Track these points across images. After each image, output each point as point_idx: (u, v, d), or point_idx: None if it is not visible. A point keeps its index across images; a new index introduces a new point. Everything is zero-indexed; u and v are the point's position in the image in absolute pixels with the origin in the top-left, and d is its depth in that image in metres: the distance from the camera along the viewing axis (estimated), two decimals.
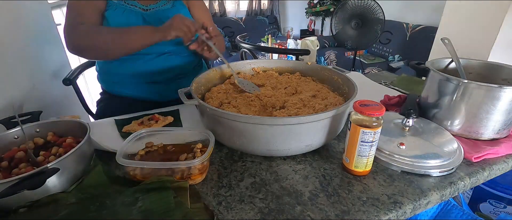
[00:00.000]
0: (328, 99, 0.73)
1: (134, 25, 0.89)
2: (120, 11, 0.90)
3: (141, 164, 0.55)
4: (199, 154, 0.60)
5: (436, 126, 0.74)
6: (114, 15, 0.90)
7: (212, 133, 0.62)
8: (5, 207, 0.50)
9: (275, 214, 0.52)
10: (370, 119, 0.55)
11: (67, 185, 0.55)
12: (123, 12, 0.91)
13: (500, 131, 0.71)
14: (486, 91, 0.66)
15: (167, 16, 0.91)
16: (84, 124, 0.62)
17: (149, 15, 0.95)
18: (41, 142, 0.62)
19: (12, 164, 0.57)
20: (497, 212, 1.20)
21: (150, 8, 0.96)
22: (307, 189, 0.57)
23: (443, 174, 0.61)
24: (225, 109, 0.70)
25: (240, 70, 0.92)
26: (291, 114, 0.67)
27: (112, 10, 0.90)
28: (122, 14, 0.90)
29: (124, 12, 0.91)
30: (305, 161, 0.66)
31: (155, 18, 0.94)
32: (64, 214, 0.49)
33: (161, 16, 0.95)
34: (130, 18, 0.91)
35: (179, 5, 1.01)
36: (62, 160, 0.52)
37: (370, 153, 0.58)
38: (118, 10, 0.90)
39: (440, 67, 0.87)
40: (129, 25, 0.88)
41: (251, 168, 0.64)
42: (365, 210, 0.52)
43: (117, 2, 0.91)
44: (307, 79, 0.88)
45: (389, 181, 0.59)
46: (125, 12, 0.91)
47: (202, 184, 0.59)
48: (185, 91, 0.69)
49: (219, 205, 0.54)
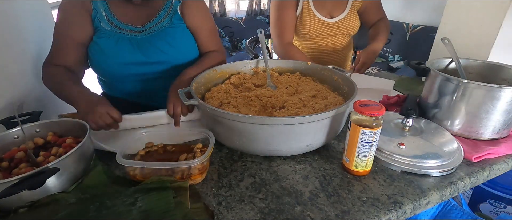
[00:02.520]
0: (328, 99, 0.73)
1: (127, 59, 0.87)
2: (112, 40, 0.85)
3: (141, 164, 0.55)
4: (199, 154, 0.60)
5: (436, 126, 0.74)
6: (107, 45, 0.85)
7: (212, 133, 0.62)
8: (5, 207, 0.50)
9: (275, 214, 0.52)
10: (370, 119, 0.55)
11: (67, 185, 0.55)
12: (114, 41, 0.85)
13: (500, 131, 0.71)
14: (486, 91, 0.66)
15: (165, 41, 0.89)
16: (84, 124, 0.62)
17: (144, 41, 0.88)
18: (41, 142, 0.62)
19: (12, 164, 0.56)
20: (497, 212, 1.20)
21: (145, 28, 0.89)
22: (307, 189, 0.57)
23: (443, 174, 0.61)
24: (225, 109, 0.70)
25: (240, 70, 0.92)
26: (291, 114, 0.67)
27: (105, 38, 0.85)
28: (113, 43, 0.85)
29: (116, 41, 0.85)
30: (305, 161, 0.66)
31: (152, 46, 0.88)
32: (64, 214, 0.49)
33: (158, 44, 0.89)
34: (122, 48, 0.86)
35: (176, 20, 0.92)
36: (62, 160, 0.52)
37: (370, 153, 0.58)
38: (109, 38, 0.85)
39: (440, 67, 0.87)
40: (121, 56, 0.86)
41: (251, 168, 0.64)
42: (365, 210, 0.52)
43: (108, 30, 0.85)
44: (307, 79, 0.88)
45: (389, 181, 0.59)
46: (117, 41, 0.86)
47: (202, 184, 0.59)
48: (185, 91, 0.69)
49: (219, 205, 0.54)
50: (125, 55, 0.87)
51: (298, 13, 1.20)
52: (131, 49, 0.87)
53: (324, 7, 1.21)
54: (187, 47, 0.95)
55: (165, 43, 0.90)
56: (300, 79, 0.88)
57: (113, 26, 0.86)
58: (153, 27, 0.90)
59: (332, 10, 1.22)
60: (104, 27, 0.85)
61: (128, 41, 0.87)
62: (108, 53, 0.85)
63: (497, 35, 1.03)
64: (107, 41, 0.85)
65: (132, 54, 0.87)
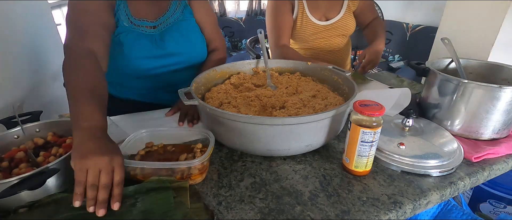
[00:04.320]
0: (328, 99, 0.73)
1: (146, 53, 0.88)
2: (132, 38, 0.86)
3: (141, 164, 0.55)
4: (199, 154, 0.60)
5: (436, 126, 0.74)
6: (127, 40, 0.86)
7: (212, 133, 0.62)
8: (5, 207, 0.50)
9: (275, 214, 0.52)
10: (370, 119, 0.55)
11: (67, 185, 0.55)
12: (134, 39, 0.87)
13: (500, 131, 0.71)
14: (486, 91, 0.67)
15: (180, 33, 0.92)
16: None
17: (161, 35, 0.90)
18: (41, 142, 0.62)
19: (12, 164, 0.57)
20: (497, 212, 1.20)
21: (160, 22, 0.92)
22: (307, 189, 0.57)
23: (443, 174, 0.61)
24: (225, 109, 0.70)
25: (240, 70, 0.92)
26: (291, 114, 0.67)
27: (125, 35, 0.86)
28: (134, 41, 0.87)
29: (136, 38, 0.87)
30: (305, 161, 0.66)
31: (168, 39, 0.91)
32: (64, 215, 0.49)
33: (174, 37, 0.91)
34: (141, 43, 0.88)
35: (187, 14, 0.96)
36: (62, 160, 0.52)
37: (370, 153, 0.58)
38: (130, 36, 0.86)
39: (440, 67, 0.87)
40: (140, 53, 0.87)
41: (251, 168, 0.64)
42: (365, 210, 0.52)
43: (127, 26, 0.86)
44: (307, 79, 0.88)
45: (389, 181, 0.59)
46: (137, 38, 0.87)
47: (202, 184, 0.59)
48: (185, 91, 0.69)
49: (219, 205, 0.54)
50: (144, 50, 0.88)
51: (294, 16, 1.19)
52: (149, 45, 0.89)
53: (319, 9, 1.20)
54: (198, 39, 0.98)
55: (179, 35, 0.93)
56: (300, 79, 0.88)
57: (130, 23, 0.88)
58: (166, 21, 0.93)
59: (327, 11, 1.22)
60: (123, 23, 0.87)
61: (145, 37, 0.89)
62: (128, 48, 0.86)
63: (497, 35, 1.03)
64: (127, 37, 0.86)
65: (150, 50, 0.89)
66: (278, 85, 0.84)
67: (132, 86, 0.98)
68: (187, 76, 0.92)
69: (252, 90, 0.82)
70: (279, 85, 0.84)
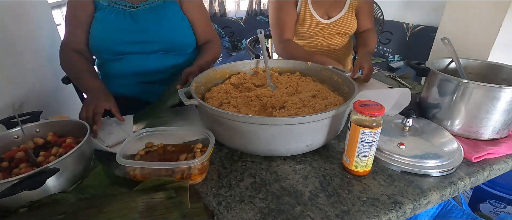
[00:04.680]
0: (328, 99, 0.73)
1: (122, 27, 0.94)
2: (108, 12, 0.94)
3: (141, 164, 0.55)
4: (199, 154, 0.60)
5: (436, 126, 0.74)
6: (103, 16, 0.93)
7: (212, 133, 0.62)
8: (5, 207, 0.50)
9: (275, 214, 0.52)
10: (370, 119, 0.55)
11: (67, 185, 0.55)
12: (111, 13, 0.94)
13: (500, 131, 0.71)
14: (486, 91, 0.67)
15: (157, 15, 0.97)
16: (84, 124, 0.62)
17: (137, 13, 0.96)
18: (41, 142, 0.62)
19: (12, 164, 0.56)
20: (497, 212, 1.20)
21: (140, 6, 0.97)
22: (307, 189, 0.57)
23: (443, 174, 0.61)
24: (225, 109, 0.69)
25: (240, 70, 0.92)
26: (291, 114, 0.67)
27: (102, 11, 0.93)
28: (110, 15, 0.94)
29: (112, 13, 0.94)
30: (305, 161, 0.66)
31: (144, 17, 0.96)
32: (64, 214, 0.49)
33: (150, 16, 0.96)
34: (118, 19, 0.94)
35: (170, 2, 1.00)
36: (62, 160, 0.52)
37: (370, 153, 0.58)
38: (107, 11, 0.94)
39: (440, 67, 0.87)
40: (117, 26, 0.94)
41: (251, 168, 0.64)
42: (365, 210, 0.52)
43: (106, 3, 0.94)
44: (307, 79, 0.88)
45: (389, 181, 0.59)
46: (113, 14, 0.94)
47: (202, 184, 0.59)
48: (185, 91, 0.69)
49: (219, 205, 0.54)
50: (122, 26, 0.94)
51: (298, 11, 1.20)
52: (127, 20, 0.95)
53: (322, 6, 1.21)
54: (181, 28, 1.02)
55: (157, 17, 0.97)
56: (300, 79, 0.88)
57: (110, 1, 0.95)
58: (147, 4, 0.98)
59: (330, 9, 1.22)
60: (102, 4, 0.93)
61: (123, 14, 0.95)
62: (106, 25, 0.93)
63: (497, 35, 1.03)
64: (105, 15, 0.94)
65: (128, 25, 0.95)
66: (278, 85, 0.84)
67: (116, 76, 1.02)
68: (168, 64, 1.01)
69: (252, 90, 0.82)
70: (279, 85, 0.84)
